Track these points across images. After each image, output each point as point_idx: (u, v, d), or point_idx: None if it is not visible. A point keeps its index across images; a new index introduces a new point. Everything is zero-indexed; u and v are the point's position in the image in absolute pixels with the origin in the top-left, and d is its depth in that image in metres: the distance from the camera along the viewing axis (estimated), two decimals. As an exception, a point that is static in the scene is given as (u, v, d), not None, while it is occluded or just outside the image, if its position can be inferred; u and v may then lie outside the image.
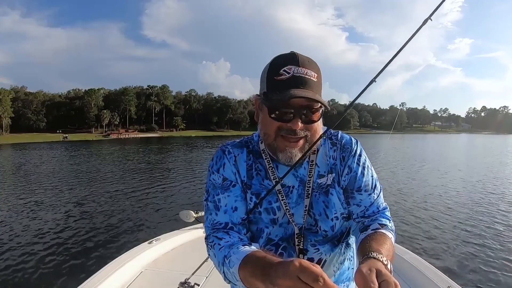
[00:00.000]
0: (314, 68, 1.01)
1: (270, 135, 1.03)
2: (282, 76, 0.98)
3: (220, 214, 1.07)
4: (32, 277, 5.91)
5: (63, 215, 10.07)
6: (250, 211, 1.08)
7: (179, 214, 3.49)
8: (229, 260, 0.91)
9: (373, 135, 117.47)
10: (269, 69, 1.02)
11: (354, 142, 1.17)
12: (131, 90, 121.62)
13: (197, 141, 66.90)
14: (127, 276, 2.70)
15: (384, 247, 0.91)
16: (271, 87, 1.00)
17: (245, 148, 1.17)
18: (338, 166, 1.14)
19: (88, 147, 51.58)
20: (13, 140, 74.49)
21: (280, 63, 1.00)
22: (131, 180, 17.15)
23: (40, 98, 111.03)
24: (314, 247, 1.11)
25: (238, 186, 1.11)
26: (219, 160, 1.14)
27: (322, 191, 1.12)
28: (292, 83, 0.96)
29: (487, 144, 65.29)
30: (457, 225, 8.87)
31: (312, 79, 0.99)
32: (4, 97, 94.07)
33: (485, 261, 6.52)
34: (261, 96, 1.05)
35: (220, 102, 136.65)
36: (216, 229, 1.06)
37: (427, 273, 2.50)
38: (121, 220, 9.45)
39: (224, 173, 1.12)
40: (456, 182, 16.18)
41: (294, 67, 0.98)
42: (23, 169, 22.64)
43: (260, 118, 1.08)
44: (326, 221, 1.11)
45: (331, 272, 1.14)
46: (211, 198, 1.10)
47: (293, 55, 1.00)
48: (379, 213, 1.11)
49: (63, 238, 7.87)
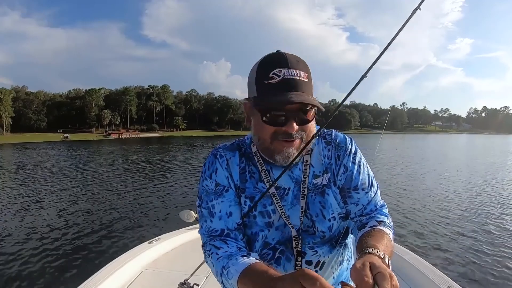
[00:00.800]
0: (304, 67, 0.98)
1: (266, 139, 1.01)
2: (273, 79, 0.94)
3: (215, 220, 1.06)
4: (32, 277, 5.91)
5: (63, 215, 10.08)
6: (245, 215, 1.07)
7: (179, 214, 3.48)
8: (227, 271, 0.91)
9: (373, 135, 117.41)
10: (258, 72, 0.99)
11: (349, 141, 1.14)
12: (132, 90, 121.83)
13: (197, 141, 66.99)
14: (127, 276, 2.70)
15: (381, 242, 0.90)
16: (261, 91, 0.98)
17: (237, 151, 1.14)
18: (333, 165, 1.12)
19: (88, 147, 51.65)
20: (13, 140, 74.64)
21: (268, 65, 0.97)
22: (131, 180, 17.18)
23: (41, 98, 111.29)
24: (312, 249, 1.09)
25: (231, 190, 1.09)
26: (211, 166, 1.12)
27: (318, 191, 1.10)
28: (284, 86, 0.94)
29: (488, 144, 65.25)
30: (457, 225, 8.85)
31: (303, 80, 0.96)
32: (5, 97, 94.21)
33: (485, 261, 6.52)
34: (251, 100, 1.02)
35: (221, 102, 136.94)
36: (212, 237, 1.04)
37: (427, 273, 2.49)
38: (121, 220, 9.46)
39: (217, 179, 1.09)
40: (456, 182, 16.18)
41: (284, 69, 0.94)
42: (24, 169, 22.67)
43: (252, 122, 1.05)
44: (323, 222, 1.09)
45: (330, 273, 1.12)
46: (205, 204, 1.08)
47: (281, 56, 0.97)
48: (377, 210, 1.10)
49: (63, 238, 7.88)
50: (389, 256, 0.85)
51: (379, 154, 28.56)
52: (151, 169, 22.20)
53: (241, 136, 1.24)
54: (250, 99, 1.03)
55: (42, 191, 14.10)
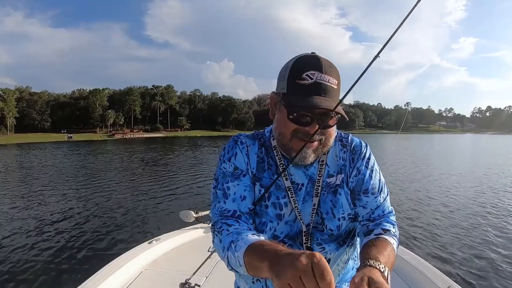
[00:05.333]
0: (336, 74, 1.02)
1: (286, 135, 1.04)
2: (305, 80, 0.98)
3: (229, 202, 1.07)
4: (32, 277, 5.89)
5: (63, 214, 10.08)
6: (258, 201, 1.08)
7: (179, 214, 3.49)
8: (235, 244, 0.90)
9: (378, 135, 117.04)
10: (291, 71, 1.02)
11: (364, 146, 1.19)
12: (135, 90, 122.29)
13: (202, 141, 66.80)
14: (127, 276, 2.70)
15: (383, 253, 0.91)
16: (292, 90, 1.01)
17: (257, 141, 1.18)
18: (347, 167, 1.15)
19: (92, 147, 51.72)
20: (17, 140, 75.05)
21: (303, 66, 1.00)
22: (132, 180, 17.18)
23: (45, 98, 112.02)
24: (319, 246, 1.11)
25: (248, 176, 1.12)
26: (231, 150, 1.15)
27: (330, 190, 1.12)
28: (314, 89, 0.97)
29: (491, 144, 64.77)
30: (458, 225, 8.78)
31: (333, 87, 1.00)
32: (9, 97, 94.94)
33: (486, 261, 6.46)
34: (280, 95, 1.05)
35: (225, 102, 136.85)
36: (224, 216, 1.05)
37: (427, 273, 2.48)
38: (121, 220, 9.45)
39: (236, 162, 1.12)
40: (457, 182, 16.02)
41: (318, 73, 0.98)
42: (26, 169, 22.75)
43: (276, 116, 1.09)
44: (333, 220, 1.11)
45: (335, 270, 1.14)
46: (220, 186, 1.10)
47: (317, 60, 1.00)
48: (384, 217, 1.12)
49: (63, 237, 7.87)
50: (390, 268, 0.87)
51: (386, 155, 28.43)
52: (152, 169, 22.20)
53: None
54: (279, 93, 1.06)
55: (42, 191, 14.13)
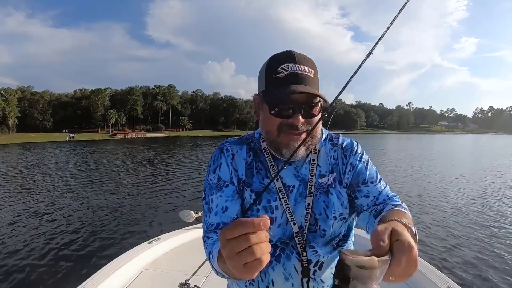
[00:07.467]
0: (311, 64, 1.03)
1: (273, 132, 1.04)
2: (280, 73, 0.99)
3: (212, 216, 1.08)
4: (32, 277, 5.90)
5: (63, 214, 10.09)
6: (249, 208, 1.05)
7: (179, 214, 3.50)
8: (212, 255, 0.91)
9: (379, 135, 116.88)
10: (267, 68, 1.04)
11: (355, 143, 1.20)
12: (137, 90, 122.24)
13: (203, 141, 66.75)
14: (127, 276, 2.71)
15: (405, 215, 0.86)
16: (269, 85, 1.02)
17: (245, 145, 1.17)
18: (339, 165, 1.15)
19: (94, 147, 51.69)
20: (19, 140, 75.22)
21: (277, 61, 1.02)
22: (132, 180, 17.15)
23: (47, 98, 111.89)
24: (312, 249, 1.10)
25: (232, 186, 1.11)
26: (217, 160, 1.15)
27: (322, 191, 1.12)
28: (290, 79, 0.98)
29: (491, 143, 64.61)
30: (458, 225, 8.79)
31: (309, 75, 1.01)
32: (11, 97, 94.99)
33: (486, 261, 6.45)
34: (260, 94, 1.07)
35: (226, 102, 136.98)
36: (210, 231, 1.05)
37: (427, 273, 2.48)
38: (121, 220, 9.46)
39: (220, 173, 1.12)
40: (457, 182, 16.01)
41: (291, 65, 0.99)
42: (28, 169, 22.79)
43: (261, 116, 1.10)
44: (326, 221, 1.10)
45: (329, 274, 1.11)
46: (207, 198, 1.11)
47: (290, 53, 1.02)
48: (390, 199, 1.09)
49: (63, 237, 7.88)
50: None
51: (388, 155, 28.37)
52: (153, 169, 22.16)
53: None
54: (260, 93, 1.09)
55: (43, 191, 14.15)
